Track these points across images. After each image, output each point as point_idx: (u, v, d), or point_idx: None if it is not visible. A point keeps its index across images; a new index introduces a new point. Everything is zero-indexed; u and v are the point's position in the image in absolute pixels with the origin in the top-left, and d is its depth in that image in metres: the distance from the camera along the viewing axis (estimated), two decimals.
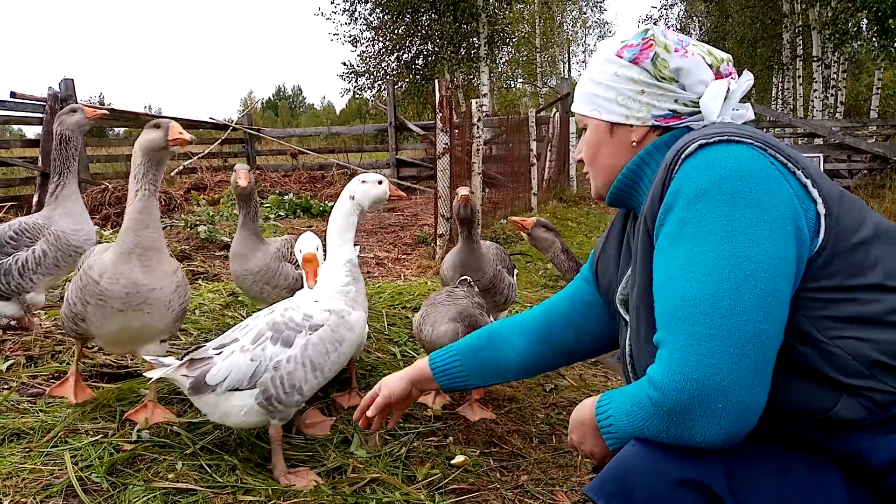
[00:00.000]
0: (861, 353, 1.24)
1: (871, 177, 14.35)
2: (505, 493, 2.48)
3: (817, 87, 22.12)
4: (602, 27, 40.92)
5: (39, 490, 2.19)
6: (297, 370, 2.31)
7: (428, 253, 6.56)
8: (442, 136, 6.31)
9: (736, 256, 1.23)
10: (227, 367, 2.29)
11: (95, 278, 2.48)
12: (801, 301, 1.28)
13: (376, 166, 14.22)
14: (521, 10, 32.59)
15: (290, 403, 2.33)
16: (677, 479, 1.23)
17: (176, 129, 2.49)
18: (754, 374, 1.19)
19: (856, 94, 33.08)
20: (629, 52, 1.57)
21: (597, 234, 9.27)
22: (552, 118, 13.83)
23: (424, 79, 24.33)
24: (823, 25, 19.83)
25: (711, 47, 1.59)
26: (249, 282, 3.43)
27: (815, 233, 1.29)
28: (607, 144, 1.62)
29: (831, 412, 1.27)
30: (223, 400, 2.30)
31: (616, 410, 1.34)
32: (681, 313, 1.24)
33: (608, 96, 1.59)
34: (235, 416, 2.33)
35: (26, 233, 3.33)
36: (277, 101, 77.58)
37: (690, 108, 1.53)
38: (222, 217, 8.03)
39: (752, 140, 1.33)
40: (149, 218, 2.51)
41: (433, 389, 2.09)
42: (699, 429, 1.20)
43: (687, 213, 1.29)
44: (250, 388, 2.30)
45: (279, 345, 2.31)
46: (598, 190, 1.70)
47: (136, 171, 2.54)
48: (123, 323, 2.55)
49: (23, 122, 10.09)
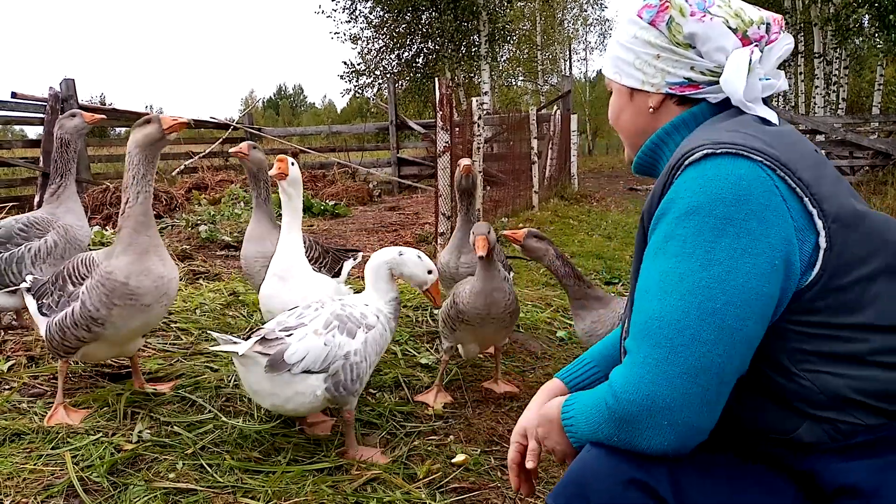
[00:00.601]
0: (831, 389, 1.24)
1: (873, 173, 14.31)
2: (506, 491, 2.47)
3: (819, 84, 22.06)
4: (603, 24, 40.89)
5: (40, 490, 2.19)
6: (363, 362, 2.51)
7: (429, 252, 6.55)
8: (443, 135, 6.30)
9: (710, 288, 1.21)
10: (304, 348, 2.39)
11: (122, 280, 2.58)
12: (779, 331, 1.27)
13: (377, 165, 14.22)
14: (521, 7, 32.56)
15: (352, 391, 2.49)
16: (628, 479, 1.28)
17: (167, 118, 2.65)
18: (703, 402, 1.21)
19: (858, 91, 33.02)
20: (647, 14, 1.48)
21: (598, 231, 9.25)
22: (553, 116, 13.80)
23: (425, 77, 24.32)
24: (825, 21, 19.79)
25: (745, 5, 1.45)
26: (260, 265, 3.36)
27: (811, 265, 1.24)
28: (627, 108, 1.58)
29: (793, 434, 1.29)
30: (298, 381, 2.39)
31: (578, 412, 1.38)
32: (647, 330, 1.26)
33: (627, 59, 1.53)
34: (301, 400, 2.42)
35: (36, 225, 3.45)
36: (278, 100, 77.64)
37: (708, 77, 1.44)
38: (223, 217, 8.03)
39: (763, 156, 1.24)
40: (150, 218, 2.69)
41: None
42: (645, 438, 1.24)
43: (675, 228, 1.26)
44: (321, 371, 2.41)
45: (345, 335, 2.49)
46: (629, 155, 1.67)
47: (134, 172, 2.62)
48: (145, 318, 2.70)
49: (24, 122, 10.11)
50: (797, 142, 1.36)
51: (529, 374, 3.66)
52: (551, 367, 3.77)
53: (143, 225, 2.63)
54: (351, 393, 2.49)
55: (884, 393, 1.23)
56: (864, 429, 1.25)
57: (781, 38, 1.45)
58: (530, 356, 3.92)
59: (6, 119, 9.84)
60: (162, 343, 3.52)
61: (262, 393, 2.43)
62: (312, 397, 2.42)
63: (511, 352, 3.89)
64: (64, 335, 2.67)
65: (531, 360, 3.86)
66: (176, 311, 3.92)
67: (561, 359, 3.94)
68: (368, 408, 3.00)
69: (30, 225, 3.44)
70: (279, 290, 2.93)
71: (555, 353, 4.05)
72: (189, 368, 3.20)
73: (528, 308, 4.70)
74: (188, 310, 3.96)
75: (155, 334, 3.63)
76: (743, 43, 1.41)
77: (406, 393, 3.21)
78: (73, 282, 2.70)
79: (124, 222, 2.63)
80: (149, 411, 2.74)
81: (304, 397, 2.41)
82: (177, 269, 2.79)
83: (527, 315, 4.51)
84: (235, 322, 3.88)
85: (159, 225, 7.26)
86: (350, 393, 2.49)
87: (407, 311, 4.23)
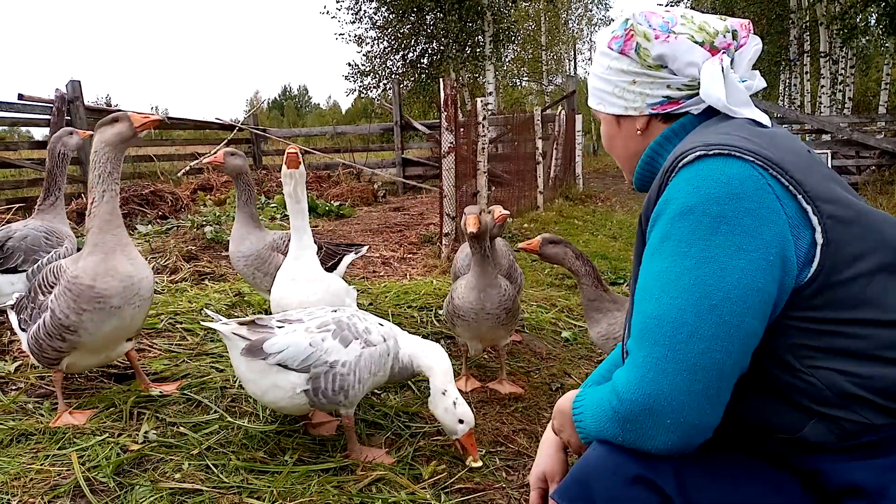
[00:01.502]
0: (836, 385, 1.24)
1: (879, 173, 14.24)
2: (511, 492, 2.47)
3: (825, 83, 21.97)
4: (607, 24, 40.72)
5: (47, 490, 2.20)
6: (350, 375, 2.44)
7: (433, 252, 6.55)
8: (447, 135, 6.29)
9: (706, 285, 1.22)
10: (286, 341, 2.39)
11: (89, 283, 2.53)
12: (781, 327, 1.27)
13: (382, 165, 14.23)
14: (526, 8, 32.54)
15: (335, 402, 2.45)
16: (632, 476, 1.28)
17: (137, 115, 2.63)
18: (704, 399, 1.22)
19: (864, 90, 32.86)
20: (616, 44, 1.55)
21: (603, 231, 9.24)
22: (558, 116, 13.78)
23: (430, 77, 24.33)
24: (831, 20, 19.70)
25: (709, 18, 1.51)
26: (242, 265, 3.57)
27: (808, 261, 1.25)
28: (617, 135, 1.64)
29: (799, 434, 1.29)
30: (272, 372, 2.39)
31: (586, 409, 1.40)
32: (646, 330, 1.28)
33: (607, 89, 1.59)
34: (279, 394, 2.41)
35: (54, 234, 3.73)
36: (283, 101, 77.76)
37: (686, 92, 1.49)
38: (228, 217, 8.03)
39: (755, 156, 1.27)
40: (118, 218, 2.64)
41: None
42: (650, 437, 1.25)
43: (670, 228, 1.29)
44: (301, 370, 2.39)
45: (337, 340, 2.45)
46: (627, 176, 1.72)
47: (100, 171, 2.59)
48: (118, 321, 2.62)
49: (30, 123, 10.14)
50: (789, 143, 1.39)
51: (534, 375, 3.65)
52: (556, 368, 3.77)
53: (109, 224, 2.57)
54: (333, 402, 2.44)
55: (889, 390, 1.23)
56: (869, 428, 1.24)
57: (750, 40, 1.51)
58: (535, 356, 3.92)
59: (13, 120, 9.87)
60: (168, 343, 3.53)
61: (243, 378, 2.48)
62: (291, 393, 2.40)
63: (516, 352, 3.89)
64: (41, 347, 2.63)
65: (536, 361, 3.86)
66: (182, 311, 3.93)
67: (566, 359, 3.94)
68: (374, 408, 3.00)
69: (49, 233, 3.70)
70: (291, 291, 2.93)
71: (560, 353, 4.04)
72: (195, 369, 3.21)
73: (533, 308, 4.69)
74: (194, 310, 3.98)
75: (160, 335, 3.64)
76: (712, 53, 1.46)
77: (411, 393, 3.22)
78: (42, 291, 2.66)
79: (91, 222, 2.59)
80: (154, 412, 2.75)
81: (282, 392, 2.40)
82: (148, 269, 2.72)
83: (532, 315, 4.51)
84: None
85: (165, 226, 7.28)
86: (332, 402, 2.43)
87: (412, 311, 4.23)
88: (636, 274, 1.43)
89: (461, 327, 3.18)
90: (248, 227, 3.57)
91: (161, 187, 9.56)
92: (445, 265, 5.88)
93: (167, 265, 5.22)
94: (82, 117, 9.54)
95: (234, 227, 3.63)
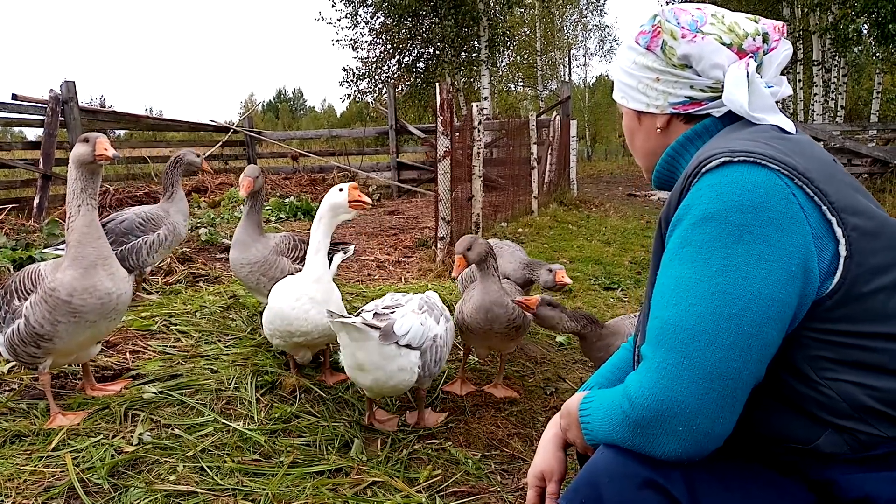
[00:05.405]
0: (853, 397, 1.23)
1: (871, 181, 14.36)
2: (505, 495, 2.48)
3: (818, 91, 22.12)
4: (602, 31, 40.95)
5: (41, 492, 2.19)
6: (444, 346, 2.77)
7: (428, 256, 6.55)
8: (443, 140, 6.31)
9: (726, 293, 1.20)
10: (408, 323, 2.57)
11: (65, 298, 2.53)
12: (800, 338, 1.26)
13: (377, 169, 14.24)
14: (521, 13, 32.63)
15: (432, 374, 2.73)
16: (642, 480, 1.26)
17: (102, 144, 2.59)
18: (719, 407, 1.20)
19: (856, 98, 33.09)
20: (643, 39, 1.53)
21: (597, 236, 9.26)
22: (553, 121, 13.82)
23: (425, 82, 24.36)
24: (824, 30, 19.86)
25: (740, 18, 1.47)
26: (246, 271, 3.57)
27: (831, 273, 1.23)
28: (637, 131, 1.62)
29: (813, 444, 1.28)
30: (402, 355, 2.56)
31: (595, 411, 1.37)
32: (662, 335, 1.26)
33: (631, 83, 1.57)
34: (402, 377, 2.59)
35: (152, 221, 4.27)
36: (278, 104, 77.68)
37: (709, 94, 1.47)
38: (223, 219, 8.03)
39: (781, 165, 1.24)
40: (97, 230, 2.63)
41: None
42: (660, 444, 1.24)
43: (691, 233, 1.26)
44: (417, 348, 2.59)
45: (432, 318, 2.73)
46: (645, 172, 1.71)
47: (73, 187, 2.61)
48: (93, 331, 2.66)
49: (24, 124, 10.09)
50: (813, 151, 1.36)
51: (529, 379, 3.66)
52: (550, 372, 3.78)
53: (87, 236, 2.57)
54: (432, 376, 2.72)
55: None
56: (884, 440, 1.24)
57: (781, 44, 1.47)
58: (529, 361, 3.93)
59: (6, 121, 9.82)
60: (162, 346, 3.52)
61: (370, 366, 2.55)
62: (411, 373, 2.60)
63: (510, 357, 3.90)
64: (16, 353, 2.64)
65: (530, 365, 3.87)
66: (176, 313, 3.92)
67: (560, 364, 3.95)
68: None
69: (146, 220, 4.23)
70: (312, 312, 2.92)
71: (554, 357, 4.05)
72: (189, 371, 3.20)
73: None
74: (188, 312, 3.96)
75: (155, 336, 3.63)
76: (739, 56, 1.43)
77: (406, 397, 3.22)
78: (18, 296, 2.65)
79: (70, 236, 2.59)
80: (149, 414, 2.74)
81: (405, 374, 2.58)
82: (128, 283, 2.73)
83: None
84: (235, 324, 3.88)
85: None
86: (431, 376, 2.72)
87: None
88: (653, 278, 1.41)
89: (470, 338, 3.28)
90: (254, 234, 3.58)
91: (155, 189, 9.54)
92: (440, 269, 5.88)
93: (161, 267, 5.21)
94: (76, 118, 9.50)
95: (237, 232, 3.62)
